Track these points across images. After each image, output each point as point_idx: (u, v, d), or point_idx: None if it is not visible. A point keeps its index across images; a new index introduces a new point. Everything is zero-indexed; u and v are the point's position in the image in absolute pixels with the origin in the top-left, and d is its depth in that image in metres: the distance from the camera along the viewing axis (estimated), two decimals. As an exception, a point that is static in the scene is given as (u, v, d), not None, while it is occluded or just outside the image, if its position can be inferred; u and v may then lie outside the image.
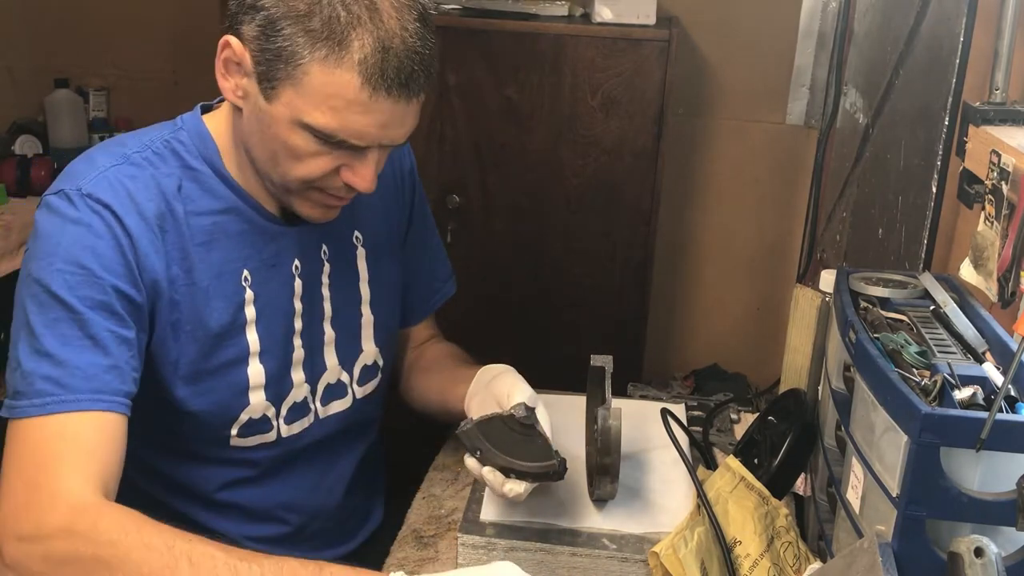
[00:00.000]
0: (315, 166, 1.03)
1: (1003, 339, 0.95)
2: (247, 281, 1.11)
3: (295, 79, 0.97)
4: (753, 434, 1.20)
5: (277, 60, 0.97)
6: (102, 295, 0.99)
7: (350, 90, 0.96)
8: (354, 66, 0.95)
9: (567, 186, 2.22)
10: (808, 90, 2.45)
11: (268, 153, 1.05)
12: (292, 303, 1.16)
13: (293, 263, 1.15)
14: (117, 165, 1.05)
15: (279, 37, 0.96)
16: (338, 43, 0.95)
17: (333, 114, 0.98)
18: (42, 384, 0.96)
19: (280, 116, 1.00)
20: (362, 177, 1.04)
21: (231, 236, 1.10)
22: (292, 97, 0.98)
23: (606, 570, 1.04)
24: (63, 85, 2.61)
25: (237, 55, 1.00)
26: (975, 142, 1.16)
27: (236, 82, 1.03)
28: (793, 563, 1.05)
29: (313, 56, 0.96)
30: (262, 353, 1.13)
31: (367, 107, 0.98)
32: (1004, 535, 0.80)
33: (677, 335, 2.70)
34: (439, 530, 1.18)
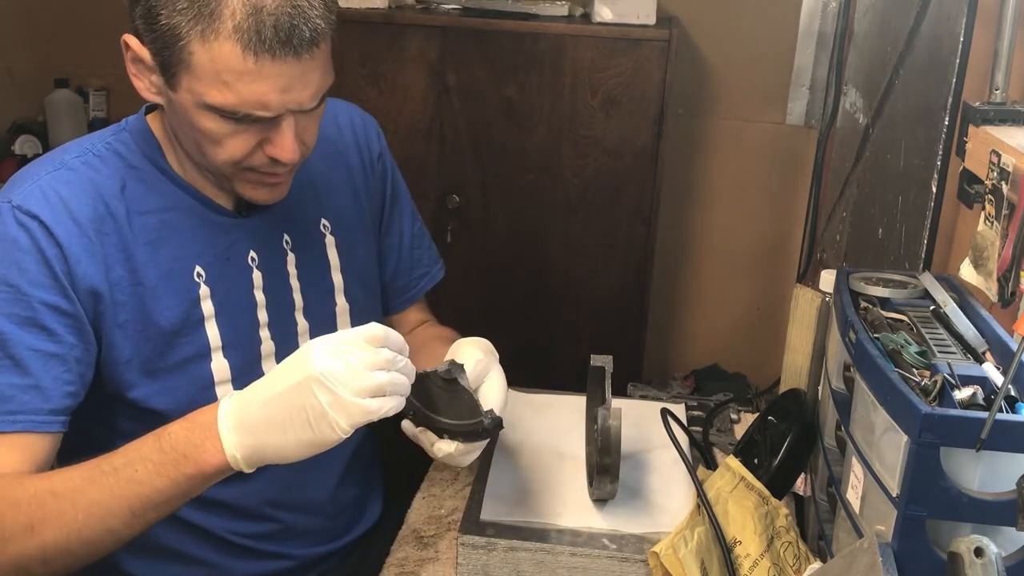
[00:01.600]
0: (235, 147, 1.02)
1: (1003, 339, 0.95)
2: (200, 277, 1.10)
3: (185, 63, 0.96)
4: (753, 434, 1.20)
5: (165, 48, 0.97)
6: (28, 311, 0.98)
7: (234, 60, 0.94)
8: (230, 35, 0.93)
9: (567, 186, 2.22)
10: (808, 90, 2.45)
11: (192, 142, 1.04)
12: (252, 295, 1.14)
13: (248, 255, 1.14)
14: (53, 172, 1.05)
15: (159, 24, 0.96)
16: (209, 15, 0.93)
17: (228, 89, 0.96)
18: None
19: (186, 103, 0.99)
20: (282, 148, 1.01)
21: (180, 232, 1.09)
22: (189, 81, 0.97)
23: (606, 570, 1.04)
24: (63, 85, 2.61)
25: (138, 53, 1.00)
26: (975, 142, 1.16)
27: (149, 80, 1.02)
28: (793, 563, 1.05)
29: (191, 35, 0.94)
30: (225, 347, 1.12)
31: (257, 74, 0.95)
32: (1004, 535, 0.80)
33: (677, 335, 2.70)
34: (439, 530, 1.18)
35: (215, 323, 1.11)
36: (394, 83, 2.18)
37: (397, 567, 1.14)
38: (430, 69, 2.17)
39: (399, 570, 1.13)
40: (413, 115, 2.21)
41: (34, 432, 0.98)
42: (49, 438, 0.99)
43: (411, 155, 2.19)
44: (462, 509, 1.14)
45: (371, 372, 0.87)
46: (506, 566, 1.05)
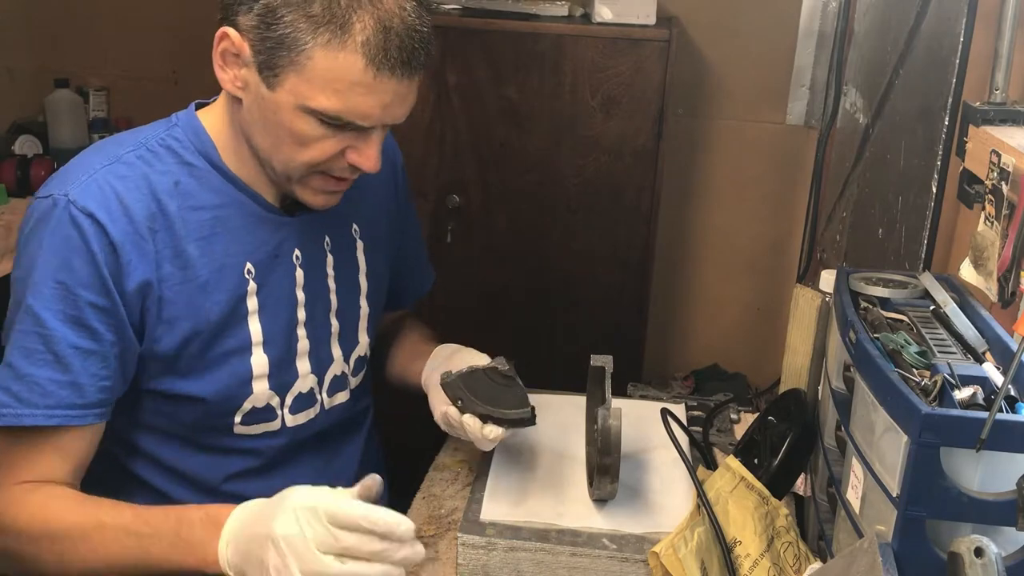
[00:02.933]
0: (320, 150, 1.04)
1: (1003, 339, 0.95)
2: (250, 273, 1.12)
3: (298, 65, 0.98)
4: (753, 434, 1.20)
5: (279, 48, 0.98)
6: (74, 310, 1.01)
7: (355, 72, 0.98)
8: (357, 48, 0.97)
9: (567, 186, 2.22)
10: (808, 90, 2.45)
11: (272, 140, 1.05)
12: (295, 293, 1.17)
13: (294, 253, 1.16)
14: (108, 165, 1.06)
15: (280, 24, 0.97)
16: (340, 26, 0.96)
17: (338, 97, 0.99)
18: (2, 395, 1.01)
19: (284, 103, 1.01)
20: (367, 157, 1.06)
21: (232, 229, 1.10)
22: (296, 83, 0.99)
23: (606, 570, 1.04)
24: (63, 85, 2.61)
25: (236, 46, 1.01)
26: (975, 142, 1.16)
27: (235, 73, 1.03)
28: (793, 563, 1.05)
29: (316, 41, 0.97)
30: (265, 343, 1.14)
31: (371, 87, 0.99)
32: (1004, 535, 0.80)
33: (677, 335, 2.70)
34: (439, 530, 1.18)
35: (258, 319, 1.13)
36: (394, 83, 2.17)
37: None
38: (430, 69, 2.17)
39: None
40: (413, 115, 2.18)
41: (69, 427, 1.03)
42: (85, 430, 1.05)
43: (411, 155, 2.18)
44: (462, 509, 1.14)
45: (324, 557, 0.85)
46: (506, 566, 1.05)
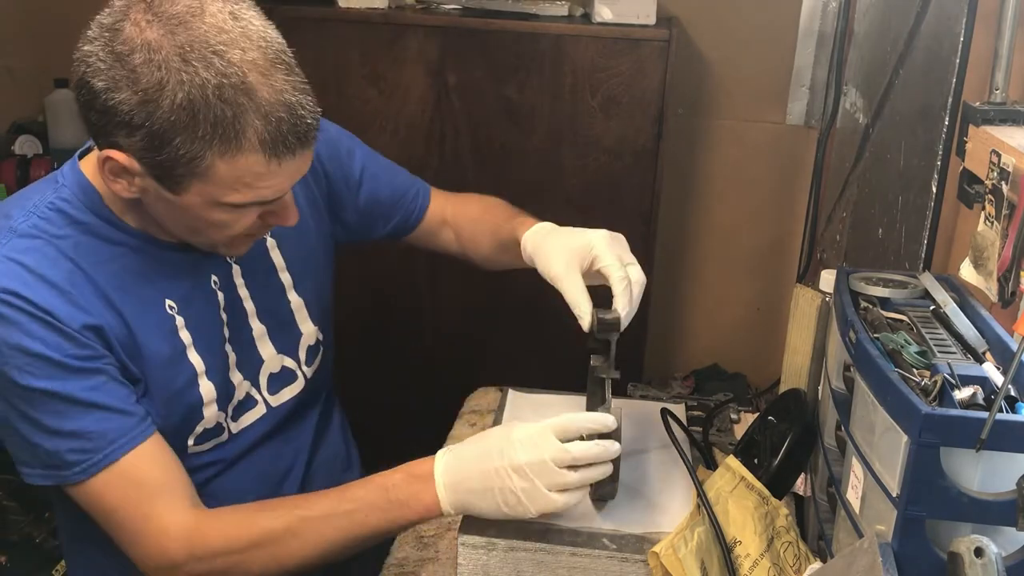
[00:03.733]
0: (241, 225, 1.06)
1: (1003, 339, 0.95)
2: (173, 309, 1.12)
3: (199, 174, 0.98)
4: (753, 434, 1.20)
5: (175, 164, 0.97)
6: (61, 367, 1.02)
7: (258, 167, 0.98)
8: (255, 148, 0.97)
9: (567, 186, 2.22)
10: (808, 90, 2.45)
11: (189, 230, 1.08)
12: (219, 315, 1.17)
13: (211, 279, 1.17)
14: (8, 241, 1.04)
15: (170, 148, 0.96)
16: (233, 136, 0.96)
17: (248, 189, 1.00)
18: (71, 456, 1.04)
19: (193, 203, 1.02)
20: (286, 216, 1.09)
21: (141, 274, 1.10)
22: (201, 188, 1.00)
23: (606, 570, 1.04)
24: (63, 85, 2.60)
25: (123, 164, 1.00)
26: (975, 142, 1.16)
27: (127, 183, 1.02)
28: (793, 563, 1.05)
29: (212, 152, 0.96)
30: (207, 370, 1.15)
31: (276, 172, 1.00)
32: (1004, 535, 0.80)
33: (677, 335, 2.70)
34: (439, 530, 1.18)
35: (195, 350, 1.14)
36: (394, 83, 2.17)
37: (397, 567, 1.14)
38: (430, 69, 2.17)
39: (399, 570, 1.13)
40: (413, 115, 2.21)
41: (142, 442, 1.06)
42: (155, 441, 1.08)
43: (411, 155, 2.19)
44: (462, 509, 1.14)
45: (563, 471, 1.00)
46: (506, 566, 1.05)
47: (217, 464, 1.20)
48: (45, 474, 1.06)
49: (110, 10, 0.99)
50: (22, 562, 2.09)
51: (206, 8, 0.96)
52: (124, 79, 0.95)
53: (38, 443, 1.04)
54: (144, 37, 0.94)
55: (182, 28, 0.94)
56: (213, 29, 0.95)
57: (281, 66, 0.98)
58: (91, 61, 0.97)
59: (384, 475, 1.08)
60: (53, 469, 1.05)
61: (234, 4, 0.98)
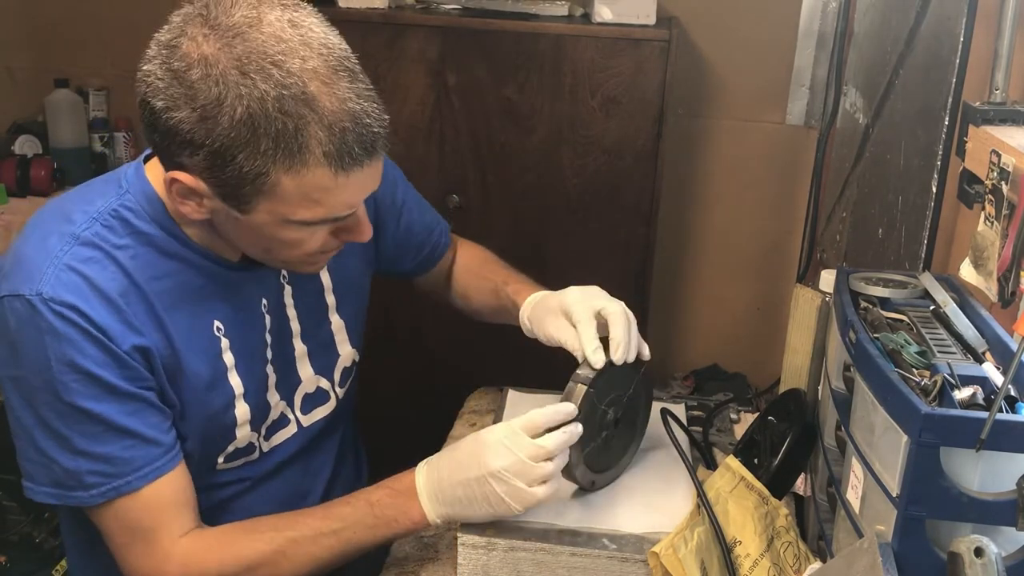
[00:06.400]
0: (314, 243, 1.04)
1: (1003, 339, 0.95)
2: (220, 331, 1.11)
3: (265, 192, 0.96)
4: (753, 434, 1.20)
5: (241, 183, 0.95)
6: (107, 388, 1.01)
7: (325, 181, 0.96)
8: (320, 161, 0.94)
9: (567, 186, 2.22)
10: (808, 90, 2.45)
11: (262, 248, 1.06)
12: (264, 338, 1.16)
13: (261, 302, 1.15)
14: (69, 250, 1.02)
15: (233, 166, 0.94)
16: (297, 150, 0.93)
17: (318, 205, 0.98)
18: (90, 478, 1.03)
19: (263, 221, 1.00)
20: (360, 232, 1.07)
21: (195, 292, 1.08)
22: (269, 206, 0.98)
23: (606, 570, 1.04)
24: (63, 85, 2.61)
25: (190, 185, 0.98)
26: (975, 142, 1.16)
27: (196, 204, 1.01)
28: (793, 563, 1.05)
29: (277, 169, 0.94)
30: (245, 394, 1.14)
31: (346, 184, 0.97)
32: (1004, 535, 0.80)
33: (677, 335, 2.70)
34: (439, 530, 1.18)
35: (236, 372, 1.13)
36: (394, 83, 2.17)
37: (397, 567, 1.14)
38: (430, 69, 2.17)
39: (399, 570, 1.13)
40: (413, 115, 2.21)
41: (164, 474, 1.06)
42: (177, 471, 1.08)
43: (411, 155, 2.19)
44: (462, 509, 1.14)
45: (540, 464, 1.03)
46: (506, 566, 1.05)
47: (244, 482, 1.20)
48: (54, 492, 1.04)
49: (168, 27, 0.95)
50: (22, 562, 2.09)
51: (264, 17, 0.93)
52: (182, 97, 0.92)
53: (58, 460, 1.02)
54: (201, 52, 0.91)
55: (239, 40, 0.91)
56: (271, 39, 0.92)
57: (344, 73, 0.96)
58: (150, 80, 0.94)
59: (368, 491, 1.09)
60: (65, 489, 1.03)
61: (293, 11, 0.95)
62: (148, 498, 1.05)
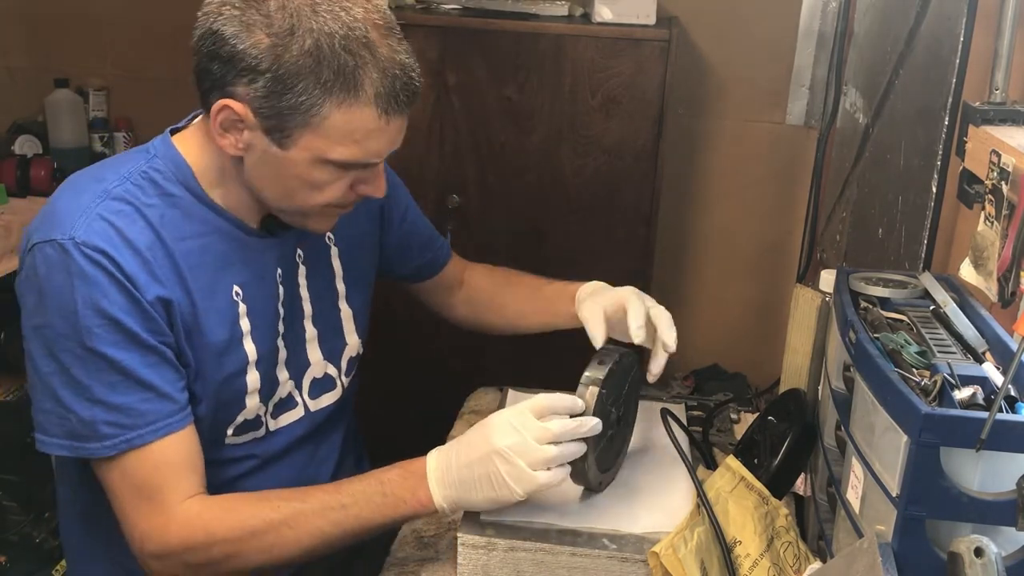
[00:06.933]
0: (335, 191, 1.10)
1: (1003, 339, 0.95)
2: (239, 295, 1.15)
3: (313, 125, 1.03)
4: (753, 434, 1.20)
5: (293, 113, 1.03)
6: (130, 336, 1.04)
7: (370, 121, 1.05)
8: (370, 101, 1.04)
9: (567, 186, 2.22)
10: (808, 90, 2.45)
11: (284, 191, 1.10)
12: (277, 309, 1.19)
13: (277, 272, 1.19)
14: (101, 202, 1.07)
15: (292, 94, 1.02)
16: (353, 86, 1.02)
17: (356, 145, 1.06)
18: (105, 428, 1.04)
19: (298, 159, 1.06)
20: (376, 187, 1.14)
21: (217, 255, 1.13)
22: (310, 140, 1.05)
23: (606, 570, 1.04)
24: (63, 85, 2.61)
25: (239, 114, 1.04)
26: (975, 142, 1.16)
27: (236, 138, 1.07)
28: (793, 563, 1.05)
29: (331, 102, 1.02)
30: (258, 361, 1.17)
31: (383, 131, 1.07)
32: (1004, 535, 0.80)
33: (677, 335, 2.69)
34: (439, 530, 1.18)
35: (251, 339, 1.16)
36: (394, 83, 2.17)
37: (397, 567, 1.14)
38: (430, 69, 2.17)
39: (399, 570, 1.13)
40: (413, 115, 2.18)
41: (175, 432, 1.08)
42: (187, 431, 1.09)
43: (411, 155, 2.19)
44: (462, 509, 1.14)
45: (544, 447, 1.03)
46: (506, 566, 1.05)
47: (251, 459, 1.22)
48: (66, 444, 1.06)
49: None
50: (22, 562, 2.09)
51: None
52: (258, 23, 1.01)
53: (74, 410, 1.04)
54: None
55: None
56: None
57: (396, 32, 1.07)
58: (223, 10, 1.02)
59: (380, 471, 1.09)
60: (79, 440, 1.05)
61: None
62: (158, 455, 1.06)
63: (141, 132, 2.75)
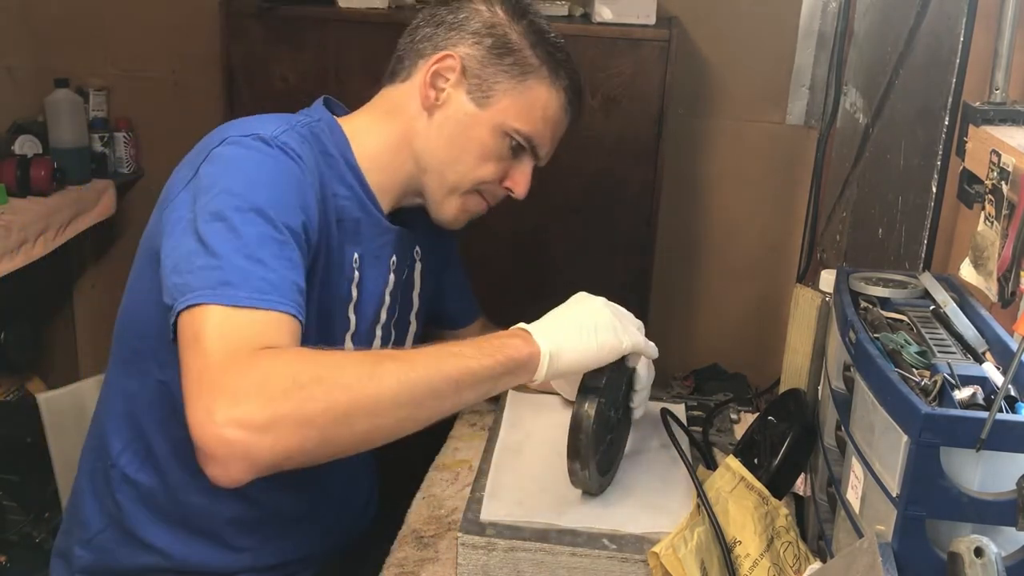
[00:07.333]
0: (493, 169, 1.23)
1: (1003, 339, 0.95)
2: (356, 263, 1.21)
3: (519, 90, 1.20)
4: (753, 434, 1.20)
5: (505, 75, 1.20)
6: (297, 226, 1.06)
7: (557, 106, 1.23)
8: (563, 89, 1.23)
9: (567, 186, 2.22)
10: (808, 90, 2.45)
11: (455, 154, 1.21)
12: (384, 294, 1.26)
13: (391, 258, 1.26)
14: (287, 130, 1.13)
15: (512, 56, 1.20)
16: (557, 68, 1.22)
17: (538, 123, 1.22)
18: (258, 282, 0.97)
19: (488, 120, 1.20)
20: (519, 183, 1.27)
21: (350, 221, 1.20)
22: (509, 104, 1.20)
23: (606, 570, 1.04)
24: (63, 85, 2.61)
25: (455, 66, 1.19)
26: (975, 142, 1.16)
27: (439, 91, 1.20)
28: (793, 563, 1.05)
29: (539, 74, 1.21)
30: (355, 334, 1.23)
31: (558, 123, 1.25)
32: (1004, 535, 0.80)
33: (677, 335, 2.70)
34: (439, 530, 1.18)
35: (354, 309, 1.22)
36: (394, 83, 2.17)
37: (397, 567, 1.14)
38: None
39: (399, 570, 1.13)
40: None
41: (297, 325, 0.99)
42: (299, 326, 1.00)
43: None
44: (462, 509, 1.14)
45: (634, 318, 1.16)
46: (506, 566, 1.05)
47: None
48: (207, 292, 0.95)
49: None
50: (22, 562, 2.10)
51: None
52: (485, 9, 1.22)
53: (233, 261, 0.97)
54: None
55: None
56: None
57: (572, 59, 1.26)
58: None
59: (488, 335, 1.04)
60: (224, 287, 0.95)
61: None
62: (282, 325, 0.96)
63: (141, 132, 2.75)
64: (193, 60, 2.62)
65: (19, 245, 2.24)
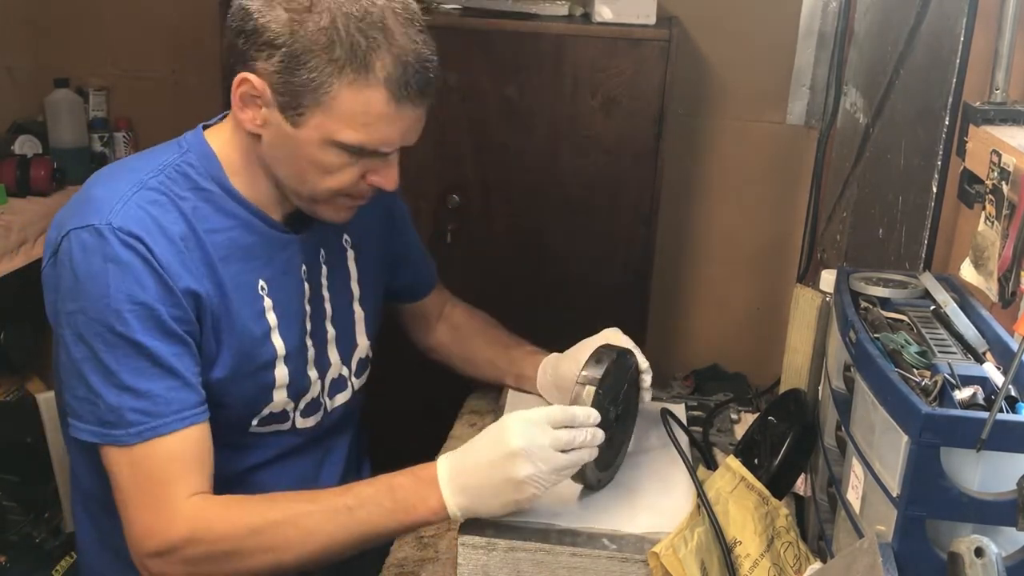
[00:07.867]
0: (344, 177, 1.11)
1: (1003, 339, 0.95)
2: (264, 290, 1.17)
3: (323, 104, 1.05)
4: (753, 434, 1.20)
5: (303, 90, 1.05)
6: (158, 324, 1.06)
7: (379, 105, 1.06)
8: (380, 84, 1.05)
9: (567, 186, 2.22)
10: (808, 90, 2.45)
11: (296, 172, 1.12)
12: (303, 306, 1.22)
13: (301, 268, 1.21)
14: (137, 191, 1.09)
15: (304, 70, 1.04)
16: (362, 66, 1.04)
17: (364, 129, 1.07)
18: (132, 415, 1.05)
19: (309, 139, 1.08)
20: (388, 179, 1.14)
21: (244, 249, 1.15)
22: (321, 120, 1.06)
23: (606, 570, 1.04)
24: (63, 85, 2.61)
25: (257, 89, 1.07)
26: (975, 142, 1.16)
27: (254, 113, 1.09)
28: (793, 563, 1.05)
29: (341, 81, 1.04)
30: (286, 356, 1.19)
31: (393, 118, 1.08)
32: (1004, 535, 0.80)
33: (677, 335, 2.69)
34: (439, 530, 1.18)
35: (278, 333, 1.18)
36: (394, 83, 2.17)
37: (397, 567, 1.14)
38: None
39: (399, 570, 1.13)
40: (413, 115, 2.20)
41: (196, 424, 1.09)
42: (204, 427, 1.10)
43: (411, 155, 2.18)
44: (462, 509, 1.14)
45: (558, 454, 1.02)
46: (506, 566, 1.05)
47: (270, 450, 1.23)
48: (95, 431, 1.06)
49: None
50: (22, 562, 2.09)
51: None
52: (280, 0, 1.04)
53: (103, 396, 1.05)
54: None
55: None
56: None
57: (417, 24, 1.08)
58: None
59: (390, 476, 1.08)
60: (107, 427, 1.06)
61: None
62: (175, 447, 1.06)
63: (141, 132, 2.75)
64: (193, 60, 2.61)
65: (19, 245, 2.24)
